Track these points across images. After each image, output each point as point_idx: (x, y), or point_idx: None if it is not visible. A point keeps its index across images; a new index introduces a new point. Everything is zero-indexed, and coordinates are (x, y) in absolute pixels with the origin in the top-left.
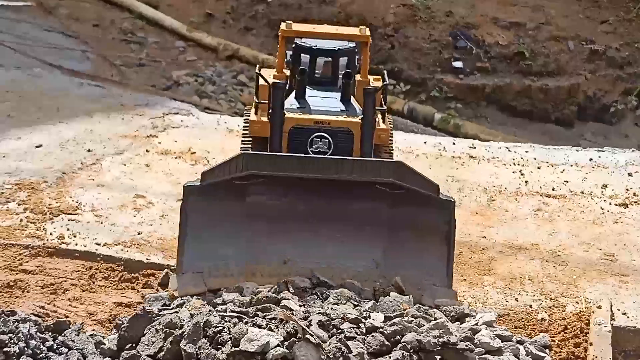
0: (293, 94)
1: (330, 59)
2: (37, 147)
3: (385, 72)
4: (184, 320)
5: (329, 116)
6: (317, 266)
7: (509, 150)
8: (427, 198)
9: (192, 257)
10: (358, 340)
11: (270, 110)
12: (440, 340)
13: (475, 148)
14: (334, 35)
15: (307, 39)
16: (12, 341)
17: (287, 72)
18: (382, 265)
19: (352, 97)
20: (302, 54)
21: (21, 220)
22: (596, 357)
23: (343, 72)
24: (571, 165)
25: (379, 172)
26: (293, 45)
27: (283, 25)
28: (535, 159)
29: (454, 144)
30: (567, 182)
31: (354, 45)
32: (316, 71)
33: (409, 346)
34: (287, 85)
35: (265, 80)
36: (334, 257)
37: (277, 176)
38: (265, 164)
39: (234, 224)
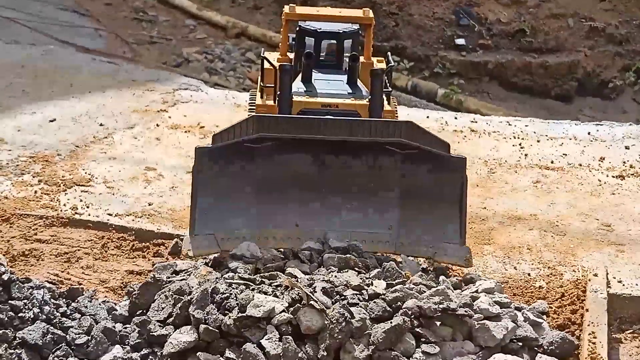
0: (299, 77)
1: (334, 41)
2: (51, 121)
3: (389, 53)
4: (192, 287)
5: (336, 99)
6: (329, 231)
7: (509, 125)
8: (438, 157)
9: (204, 219)
10: (360, 306)
11: (277, 94)
12: (440, 306)
13: (476, 122)
14: (338, 18)
15: (311, 22)
16: (27, 307)
17: (291, 56)
18: (396, 228)
19: (358, 79)
20: (307, 37)
21: (36, 191)
22: (592, 323)
23: (349, 55)
24: (570, 139)
25: (389, 131)
26: (297, 29)
27: (286, 9)
28: (534, 132)
29: (455, 118)
30: (566, 155)
31: (358, 27)
32: (321, 54)
33: (409, 312)
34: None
35: (271, 64)
36: (347, 222)
37: (287, 139)
38: (275, 126)
39: (245, 187)
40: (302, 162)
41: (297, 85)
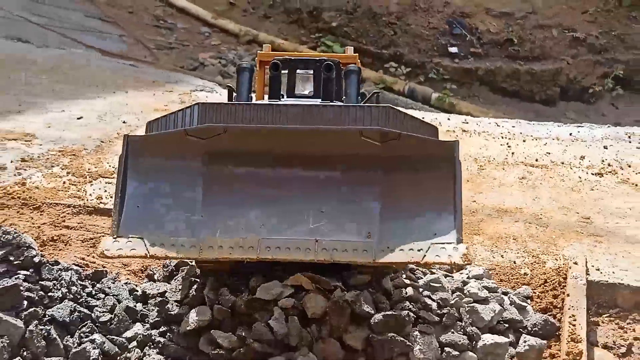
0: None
1: (311, 71)
2: (78, 118)
3: (378, 92)
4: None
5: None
6: (293, 240)
7: (497, 125)
8: (426, 143)
9: (132, 220)
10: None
11: (234, 96)
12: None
13: (467, 123)
14: (316, 56)
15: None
16: (55, 287)
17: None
18: (375, 234)
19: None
20: (282, 70)
21: (64, 182)
22: (572, 306)
23: (324, 64)
24: (553, 139)
25: (365, 119)
26: (272, 62)
27: (260, 50)
28: (521, 133)
29: (448, 119)
30: (549, 153)
31: (339, 61)
32: (296, 91)
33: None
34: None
35: (230, 88)
36: (315, 229)
37: (240, 132)
38: (224, 114)
39: (187, 186)
40: (260, 157)
41: (261, 101)
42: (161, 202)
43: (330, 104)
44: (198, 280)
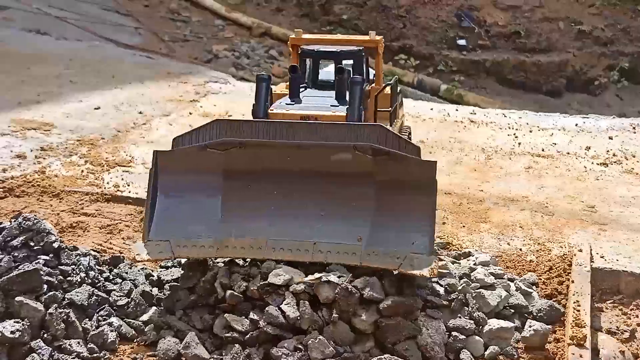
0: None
1: (332, 61)
2: (95, 108)
3: (397, 77)
4: (215, 259)
5: (315, 111)
6: (294, 242)
7: (504, 116)
8: (409, 161)
9: (161, 226)
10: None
11: (252, 104)
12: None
13: (475, 114)
14: (342, 42)
15: (312, 45)
16: (74, 272)
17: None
18: (364, 239)
19: (347, 93)
20: (307, 59)
21: (82, 171)
22: (576, 293)
23: (336, 68)
24: (559, 130)
25: (359, 136)
26: (299, 52)
27: (292, 35)
28: (527, 123)
29: (456, 110)
30: (555, 144)
31: (361, 48)
32: (319, 77)
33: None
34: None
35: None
36: (315, 232)
37: (252, 145)
38: (238, 130)
39: (207, 194)
40: (269, 169)
41: (283, 100)
42: (185, 209)
43: (332, 123)
44: (208, 268)
